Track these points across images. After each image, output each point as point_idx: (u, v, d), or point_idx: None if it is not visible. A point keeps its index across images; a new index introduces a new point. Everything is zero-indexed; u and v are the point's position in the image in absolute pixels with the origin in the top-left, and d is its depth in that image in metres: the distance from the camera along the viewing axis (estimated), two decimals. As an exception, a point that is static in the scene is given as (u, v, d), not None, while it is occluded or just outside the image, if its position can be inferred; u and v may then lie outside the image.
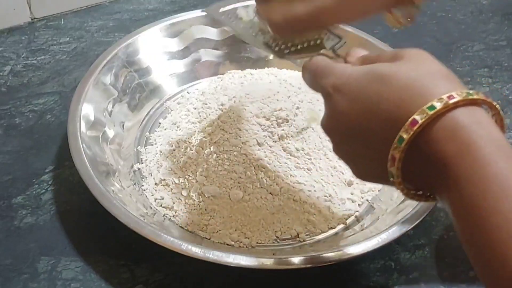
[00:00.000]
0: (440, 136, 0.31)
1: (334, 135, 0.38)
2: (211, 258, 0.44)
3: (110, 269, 0.49)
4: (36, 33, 0.74)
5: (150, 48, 0.65)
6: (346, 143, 0.37)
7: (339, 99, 0.36)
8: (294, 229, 0.52)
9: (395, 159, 0.32)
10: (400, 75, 0.33)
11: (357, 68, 0.36)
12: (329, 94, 0.37)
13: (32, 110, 0.63)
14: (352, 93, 0.35)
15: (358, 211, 0.55)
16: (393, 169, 0.33)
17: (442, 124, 0.31)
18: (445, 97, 0.31)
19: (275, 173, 0.54)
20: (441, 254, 0.52)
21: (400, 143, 0.32)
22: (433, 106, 0.31)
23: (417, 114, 0.31)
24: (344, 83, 0.36)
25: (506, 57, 0.77)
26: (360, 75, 0.35)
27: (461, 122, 0.31)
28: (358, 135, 0.35)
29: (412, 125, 0.31)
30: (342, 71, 0.37)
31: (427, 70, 0.33)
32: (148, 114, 0.63)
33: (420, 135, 0.31)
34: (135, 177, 0.56)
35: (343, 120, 0.36)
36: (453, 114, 0.31)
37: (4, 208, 0.53)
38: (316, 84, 0.39)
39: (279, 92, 0.60)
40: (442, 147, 0.31)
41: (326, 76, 0.38)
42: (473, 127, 0.30)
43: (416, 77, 0.33)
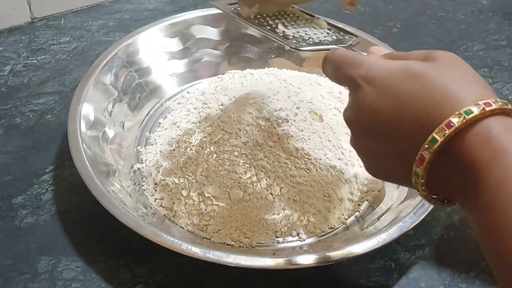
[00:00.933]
0: (474, 142, 0.30)
1: (357, 127, 0.37)
2: (211, 258, 0.44)
3: (110, 269, 0.49)
4: (36, 33, 0.74)
5: (150, 48, 0.65)
6: (368, 137, 0.36)
7: (369, 91, 0.35)
8: (294, 229, 0.52)
9: (424, 160, 0.32)
10: (435, 75, 0.33)
11: (390, 62, 0.35)
12: (358, 85, 0.35)
13: (32, 110, 0.63)
14: (383, 87, 0.34)
15: (358, 211, 0.55)
16: (419, 170, 0.32)
17: (476, 130, 0.30)
18: (482, 104, 0.30)
19: (275, 173, 0.54)
20: (441, 254, 0.52)
21: (432, 144, 0.31)
22: (470, 111, 0.30)
23: (453, 117, 0.31)
24: (376, 75, 0.35)
25: (506, 57, 0.77)
26: (393, 69, 0.34)
27: (496, 129, 0.30)
28: (384, 130, 0.34)
29: (448, 127, 0.31)
30: (373, 63, 0.36)
31: (461, 73, 0.33)
32: (148, 114, 0.63)
33: (452, 139, 0.31)
34: (135, 177, 0.56)
35: (370, 113, 0.35)
36: (488, 121, 0.30)
37: (5, 208, 0.53)
38: (343, 74, 0.37)
39: (279, 92, 0.60)
40: (474, 153, 0.30)
41: (355, 67, 0.36)
42: (506, 135, 0.30)
43: (451, 79, 0.32)
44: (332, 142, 0.57)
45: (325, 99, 0.62)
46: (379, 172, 0.38)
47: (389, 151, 0.35)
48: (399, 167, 0.34)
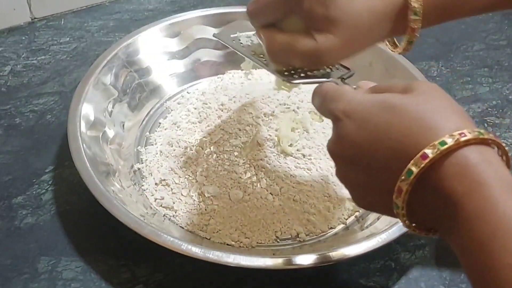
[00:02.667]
0: (450, 173, 0.30)
1: (339, 159, 0.38)
2: (211, 258, 0.44)
3: (110, 269, 0.49)
4: (36, 33, 0.74)
5: (150, 48, 0.65)
6: (350, 169, 0.36)
7: (348, 124, 0.35)
8: (294, 229, 0.52)
9: (402, 191, 0.32)
10: (411, 107, 0.33)
11: (368, 95, 0.36)
12: (338, 118, 0.36)
13: (32, 110, 0.63)
14: (361, 120, 0.35)
15: (358, 211, 0.55)
16: (398, 201, 0.32)
17: (452, 161, 0.31)
18: (457, 134, 0.31)
19: (275, 173, 0.54)
20: (441, 254, 0.52)
21: (408, 176, 0.31)
22: (444, 142, 0.30)
23: (427, 148, 0.31)
24: (354, 109, 0.36)
25: (506, 57, 0.77)
26: (370, 102, 0.35)
27: (472, 160, 0.30)
28: (363, 162, 0.35)
29: (423, 158, 0.31)
30: (352, 97, 0.37)
31: (439, 104, 0.33)
32: (148, 114, 0.63)
33: (429, 170, 0.31)
34: (135, 177, 0.56)
35: (349, 145, 0.35)
36: (463, 152, 0.31)
37: (4, 208, 0.53)
38: (326, 108, 0.39)
39: (279, 92, 0.60)
40: (451, 184, 0.30)
41: (336, 101, 0.37)
42: (483, 166, 0.30)
43: (427, 110, 0.33)
44: (332, 142, 0.57)
45: (325, 99, 0.61)
46: (365, 203, 0.38)
47: (370, 182, 0.35)
48: (381, 197, 0.34)
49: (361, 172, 0.35)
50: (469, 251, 0.30)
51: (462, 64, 0.75)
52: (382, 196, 0.34)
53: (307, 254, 0.46)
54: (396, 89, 0.36)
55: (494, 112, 0.68)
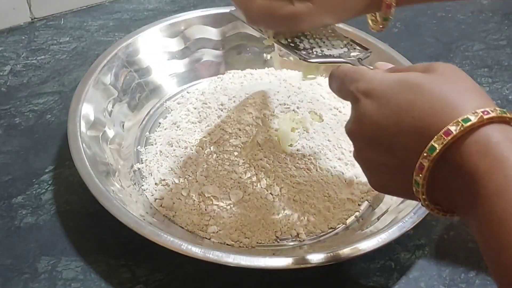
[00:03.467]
0: (472, 150, 0.31)
1: (359, 140, 0.37)
2: (211, 258, 0.44)
3: (110, 269, 0.49)
4: (36, 33, 0.74)
5: (150, 48, 0.65)
6: (370, 149, 0.36)
7: (369, 104, 0.35)
8: (294, 229, 0.52)
9: (423, 168, 0.32)
10: (434, 86, 0.33)
11: (389, 74, 0.36)
12: (358, 98, 0.36)
13: (32, 110, 0.63)
14: (382, 99, 0.35)
15: (358, 211, 0.55)
16: (419, 178, 0.32)
17: (475, 138, 0.31)
18: (480, 112, 0.31)
19: (275, 173, 0.54)
20: (441, 254, 0.52)
21: (431, 152, 0.31)
22: (468, 119, 0.31)
23: (451, 125, 0.31)
24: (374, 88, 0.36)
25: (506, 57, 0.77)
26: (392, 81, 0.35)
27: (495, 138, 0.30)
28: (384, 142, 0.35)
29: (446, 135, 0.31)
30: (373, 76, 0.36)
31: (460, 84, 0.33)
32: (148, 114, 0.63)
33: (451, 147, 0.31)
34: (135, 177, 0.56)
35: (370, 125, 0.35)
36: (486, 130, 0.31)
37: (4, 208, 0.53)
38: (345, 89, 0.38)
39: (279, 92, 0.60)
40: (474, 161, 0.30)
41: (356, 81, 0.37)
42: (505, 144, 0.30)
43: (450, 89, 0.33)
44: (332, 142, 0.57)
45: (325, 99, 0.61)
46: (382, 185, 0.38)
47: (390, 162, 0.35)
48: (400, 177, 0.34)
49: (382, 152, 0.35)
50: (488, 230, 0.30)
51: (462, 64, 0.75)
52: (402, 177, 0.34)
53: (307, 254, 0.46)
54: (417, 69, 0.36)
55: (494, 112, 0.68)
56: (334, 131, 0.58)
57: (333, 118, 0.59)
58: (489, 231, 0.30)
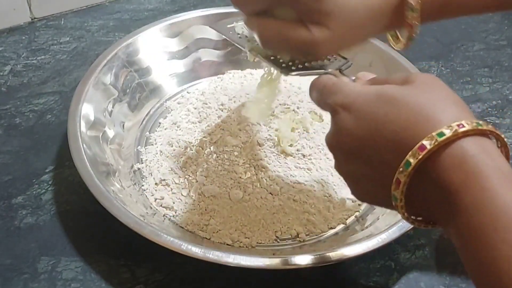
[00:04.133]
0: (448, 164, 0.31)
1: (338, 153, 0.38)
2: (211, 258, 0.44)
3: (110, 269, 0.49)
4: (36, 33, 0.74)
5: (150, 48, 0.65)
6: (349, 161, 0.36)
7: (346, 117, 0.35)
8: (294, 229, 0.52)
9: (400, 183, 0.32)
10: (410, 98, 0.33)
11: (367, 87, 0.36)
12: (337, 111, 0.36)
13: (32, 110, 0.63)
14: (359, 112, 0.35)
15: (358, 211, 0.55)
16: (397, 193, 0.32)
17: (450, 152, 0.31)
18: (455, 125, 0.31)
19: (275, 173, 0.54)
20: (441, 254, 0.52)
21: (407, 167, 0.31)
22: (442, 133, 0.30)
23: (426, 140, 0.31)
24: (352, 101, 0.36)
25: (506, 57, 0.77)
26: (369, 95, 0.35)
27: (470, 151, 0.30)
28: (362, 154, 0.35)
29: (421, 150, 0.31)
30: (351, 90, 0.36)
31: (437, 95, 0.33)
32: (148, 114, 0.63)
33: (427, 161, 0.31)
34: (135, 177, 0.56)
35: (348, 138, 0.35)
36: (461, 143, 0.31)
37: (4, 208, 0.53)
38: (324, 102, 0.39)
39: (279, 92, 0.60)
40: (449, 175, 0.30)
41: (334, 94, 0.37)
42: (481, 157, 0.30)
43: (426, 102, 0.33)
44: (332, 142, 0.57)
45: (325, 99, 0.61)
46: (363, 196, 0.38)
47: (369, 175, 0.35)
48: (380, 190, 0.34)
49: (360, 164, 0.35)
50: (468, 243, 0.30)
51: (462, 64, 0.75)
52: (382, 188, 0.34)
53: (307, 254, 0.46)
54: (395, 80, 0.36)
55: (494, 112, 0.68)
56: (334, 131, 0.58)
57: (333, 118, 0.59)
58: (466, 243, 0.30)
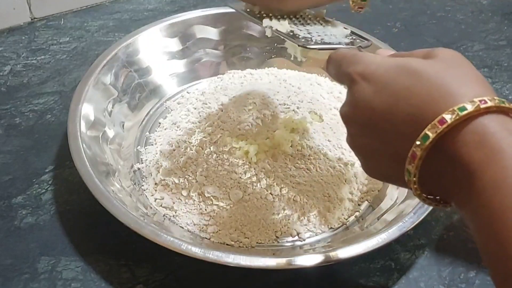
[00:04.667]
0: (468, 140, 0.30)
1: (353, 124, 0.36)
2: (211, 258, 0.44)
3: (110, 269, 0.49)
4: (36, 33, 0.74)
5: (150, 48, 0.65)
6: (364, 134, 0.35)
7: (365, 87, 0.34)
8: (294, 229, 0.52)
9: (416, 157, 0.31)
10: (432, 72, 0.32)
11: (388, 59, 0.35)
12: (355, 81, 0.35)
13: (32, 110, 0.63)
14: (379, 83, 0.34)
15: (358, 211, 0.55)
16: (411, 167, 0.31)
17: (471, 128, 0.30)
18: (477, 101, 0.30)
19: (275, 173, 0.54)
20: (441, 254, 0.52)
21: (424, 141, 0.30)
22: (464, 108, 0.30)
23: (446, 113, 0.30)
24: (372, 72, 0.34)
25: (506, 57, 0.77)
26: (390, 66, 0.34)
27: (491, 128, 0.29)
28: (379, 127, 0.34)
29: (440, 123, 0.30)
30: (371, 60, 0.35)
31: (460, 71, 0.33)
32: (148, 114, 0.63)
33: (446, 136, 0.30)
34: (135, 177, 0.56)
35: (365, 110, 0.34)
36: (483, 119, 0.30)
37: (4, 208, 0.53)
38: (342, 71, 0.37)
39: (279, 92, 0.60)
40: (469, 152, 0.29)
41: (354, 64, 0.36)
42: (502, 135, 0.29)
43: (449, 76, 0.32)
44: (332, 142, 0.57)
45: (325, 99, 0.62)
46: (375, 172, 0.37)
47: (384, 149, 0.34)
48: (393, 165, 0.33)
49: (376, 137, 0.34)
50: (484, 223, 0.29)
51: (462, 64, 0.75)
52: (396, 163, 0.33)
53: (307, 254, 0.46)
54: (418, 54, 0.35)
55: (494, 112, 0.68)
56: (334, 131, 0.58)
57: (333, 118, 0.59)
58: (485, 224, 0.29)
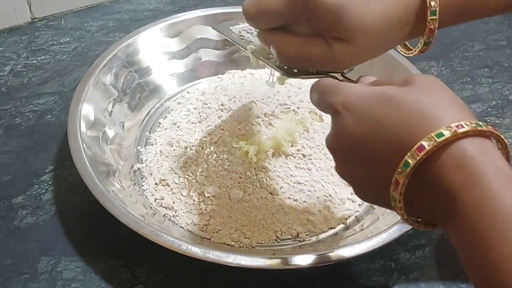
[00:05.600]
0: (447, 165, 0.30)
1: (338, 154, 0.38)
2: (211, 258, 0.44)
3: (110, 269, 0.49)
4: (36, 33, 0.74)
5: (150, 48, 0.65)
6: (349, 163, 0.36)
7: (347, 117, 0.35)
8: (294, 229, 0.52)
9: (399, 184, 0.32)
10: (410, 99, 0.33)
11: (367, 88, 0.36)
12: (337, 112, 0.36)
13: (32, 110, 0.63)
14: (360, 113, 0.35)
15: (358, 211, 0.55)
16: (396, 194, 0.32)
17: (449, 153, 0.30)
18: (454, 126, 0.31)
19: (275, 173, 0.54)
20: (441, 254, 0.52)
21: (405, 168, 0.31)
22: (441, 134, 0.30)
23: (424, 140, 0.31)
24: (353, 101, 0.35)
25: (506, 57, 0.77)
26: (370, 95, 0.35)
27: (469, 152, 0.30)
28: (362, 155, 0.35)
29: (419, 150, 0.31)
30: (351, 90, 0.36)
31: (437, 97, 0.33)
32: (148, 114, 0.63)
33: (426, 162, 0.31)
34: (135, 177, 0.56)
35: (348, 138, 0.35)
36: (461, 144, 0.30)
37: (4, 208, 0.53)
38: (324, 102, 0.38)
39: (279, 92, 0.60)
40: (449, 176, 0.30)
41: (335, 94, 0.37)
42: (481, 158, 0.30)
43: (426, 103, 0.33)
44: (332, 142, 0.57)
45: (325, 99, 0.61)
46: (365, 196, 0.38)
47: (369, 175, 0.35)
48: (380, 190, 0.34)
49: (360, 165, 0.35)
50: (467, 244, 0.30)
51: (462, 64, 0.75)
52: (381, 189, 0.34)
53: (307, 254, 0.46)
54: (396, 82, 0.36)
55: (494, 112, 0.68)
56: (334, 131, 0.58)
57: (333, 118, 0.59)
58: (468, 244, 0.30)
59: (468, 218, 0.29)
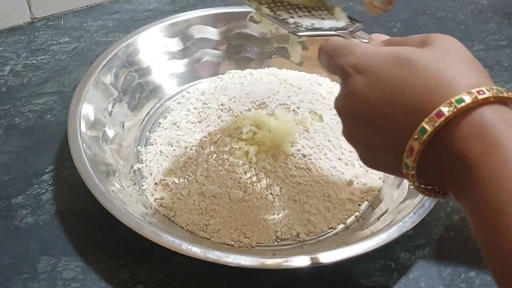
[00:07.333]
0: (466, 132, 0.29)
1: (348, 117, 0.36)
2: (211, 258, 0.44)
3: (110, 269, 0.49)
4: (36, 33, 0.74)
5: (150, 48, 0.65)
6: (359, 127, 0.35)
7: (359, 80, 0.33)
8: (294, 229, 0.52)
9: (413, 151, 0.30)
10: (428, 62, 0.31)
11: (382, 49, 0.34)
12: (348, 74, 0.34)
13: (32, 110, 0.63)
14: (373, 75, 0.33)
15: (358, 211, 0.55)
16: (409, 161, 0.31)
17: (469, 120, 0.29)
18: (475, 92, 0.29)
19: (275, 173, 0.54)
20: (441, 254, 0.52)
21: (422, 134, 0.30)
22: (461, 100, 0.29)
23: (443, 106, 0.29)
24: (366, 63, 0.34)
25: (506, 57, 0.77)
26: (384, 57, 0.33)
27: (489, 119, 0.29)
28: (374, 120, 0.33)
29: (438, 116, 0.29)
30: (364, 51, 0.34)
31: (457, 59, 0.32)
32: (148, 114, 0.63)
33: (443, 129, 0.29)
34: (135, 177, 0.56)
35: (360, 102, 0.33)
36: (481, 111, 0.29)
37: (4, 208, 0.53)
38: (334, 64, 0.36)
39: (279, 92, 0.60)
40: (467, 144, 0.29)
41: (346, 55, 0.35)
42: (501, 126, 0.28)
43: (444, 66, 0.31)
44: (332, 142, 0.57)
45: (325, 99, 0.62)
46: (372, 162, 0.37)
47: (380, 142, 0.34)
48: (390, 157, 0.33)
49: (371, 130, 0.34)
50: (482, 216, 0.28)
51: (462, 64, 0.75)
52: (393, 156, 0.32)
53: (307, 254, 0.46)
54: (413, 42, 0.34)
55: (494, 112, 0.68)
56: (334, 131, 0.58)
57: (333, 118, 0.59)
58: (483, 217, 0.28)
59: (485, 191, 0.28)
